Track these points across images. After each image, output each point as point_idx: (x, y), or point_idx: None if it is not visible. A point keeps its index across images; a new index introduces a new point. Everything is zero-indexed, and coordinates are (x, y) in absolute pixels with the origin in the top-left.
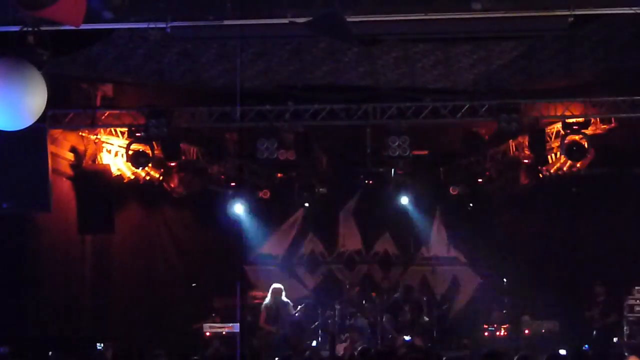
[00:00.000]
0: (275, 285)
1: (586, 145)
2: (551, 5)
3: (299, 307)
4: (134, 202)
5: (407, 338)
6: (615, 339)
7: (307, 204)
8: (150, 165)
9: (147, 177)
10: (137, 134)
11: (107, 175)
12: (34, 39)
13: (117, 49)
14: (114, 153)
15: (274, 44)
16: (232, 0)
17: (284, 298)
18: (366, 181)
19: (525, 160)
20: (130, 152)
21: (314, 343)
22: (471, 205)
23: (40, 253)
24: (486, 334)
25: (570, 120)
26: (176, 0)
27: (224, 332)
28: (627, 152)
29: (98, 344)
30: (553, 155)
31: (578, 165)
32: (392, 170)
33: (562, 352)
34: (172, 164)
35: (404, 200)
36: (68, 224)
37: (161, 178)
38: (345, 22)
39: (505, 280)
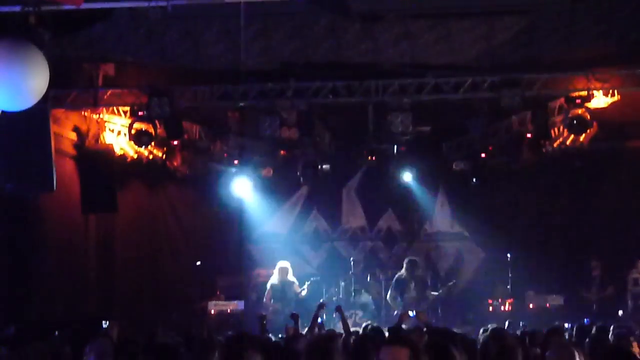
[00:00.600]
0: (282, 263)
1: (589, 119)
2: None
3: (305, 284)
4: (137, 181)
5: (412, 314)
6: (620, 312)
7: (310, 182)
8: (153, 144)
9: (150, 156)
10: (140, 113)
11: (110, 155)
12: (35, 19)
13: (118, 28)
14: (116, 132)
15: (276, 22)
16: None
17: (290, 277)
18: (369, 158)
19: (528, 135)
20: (133, 131)
21: (319, 320)
22: (474, 180)
23: (44, 233)
24: (491, 308)
25: (573, 94)
26: None
27: (228, 310)
28: (630, 126)
29: (104, 322)
30: (556, 129)
31: (581, 139)
32: (395, 146)
33: (566, 326)
34: (175, 143)
35: (407, 176)
36: (71, 203)
37: (164, 157)
38: None
39: (509, 255)
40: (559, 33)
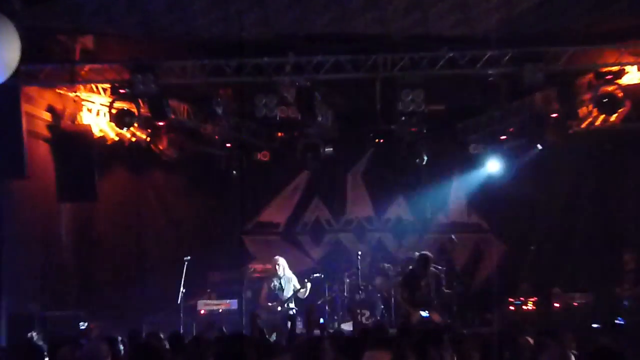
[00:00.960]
0: (277, 258)
1: (621, 97)
2: None
3: (305, 281)
4: (118, 166)
5: (424, 314)
6: None
7: (311, 166)
8: (136, 125)
9: (133, 139)
10: (121, 91)
11: (89, 137)
12: None
13: None
14: (95, 112)
15: None
16: None
17: (287, 272)
18: (376, 140)
19: (553, 115)
20: (114, 111)
21: (321, 321)
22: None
23: (15, 224)
24: (512, 308)
25: (603, 70)
26: None
27: (220, 310)
28: None
29: (81, 323)
30: (584, 108)
31: (612, 119)
32: (405, 127)
33: (595, 326)
34: (161, 124)
35: (419, 160)
36: (46, 191)
37: (149, 139)
38: None
39: (532, 248)
40: (588, 1)
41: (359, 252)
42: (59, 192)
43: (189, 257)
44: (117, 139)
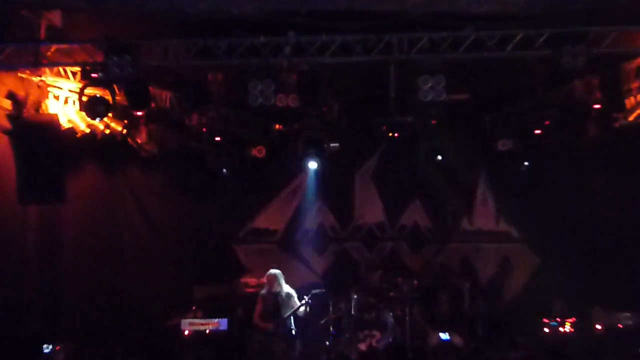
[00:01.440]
0: (272, 271)
1: None
2: None
3: (305, 298)
4: (90, 163)
5: (443, 336)
6: None
7: (314, 164)
8: (110, 115)
9: (107, 131)
10: (93, 75)
11: (55, 129)
12: None
13: None
14: (63, 100)
15: None
16: None
17: (284, 287)
18: (390, 134)
19: (596, 106)
20: (85, 99)
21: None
22: (526, 164)
23: None
24: (547, 330)
25: None
26: None
27: (207, 331)
28: None
29: (45, 346)
30: (632, 99)
31: None
32: (424, 119)
33: None
34: (139, 114)
35: (439, 158)
36: (5, 191)
37: (125, 132)
38: None
39: (570, 260)
40: None
41: (368, 264)
42: (19, 192)
43: (170, 269)
44: (88, 131)
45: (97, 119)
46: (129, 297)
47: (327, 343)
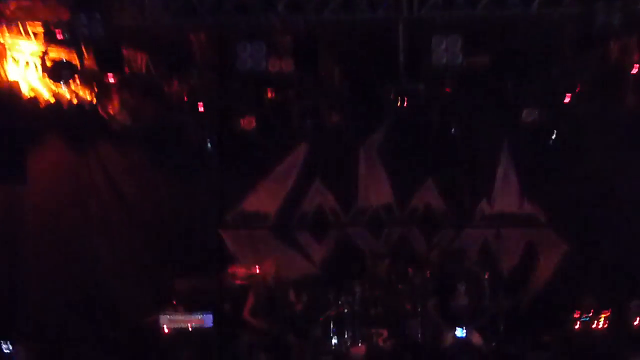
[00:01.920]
0: (266, 260)
1: None
2: None
3: (302, 290)
4: (55, 136)
5: (460, 333)
6: None
7: (311, 138)
8: (78, 81)
9: (75, 100)
10: (59, 36)
11: (15, 98)
12: None
13: None
14: (24, 64)
15: None
16: None
17: (279, 278)
18: (398, 103)
19: (634, 71)
20: (49, 63)
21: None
22: (554, 137)
23: None
24: (577, 325)
25: None
26: None
27: (189, 327)
28: None
29: (4, 344)
30: None
31: None
32: (437, 86)
33: None
34: (111, 80)
35: (455, 130)
36: None
37: (95, 101)
38: None
39: (604, 248)
40: None
41: (374, 252)
42: None
43: (147, 258)
44: (53, 100)
45: (63, 85)
46: (100, 290)
47: (327, 343)
